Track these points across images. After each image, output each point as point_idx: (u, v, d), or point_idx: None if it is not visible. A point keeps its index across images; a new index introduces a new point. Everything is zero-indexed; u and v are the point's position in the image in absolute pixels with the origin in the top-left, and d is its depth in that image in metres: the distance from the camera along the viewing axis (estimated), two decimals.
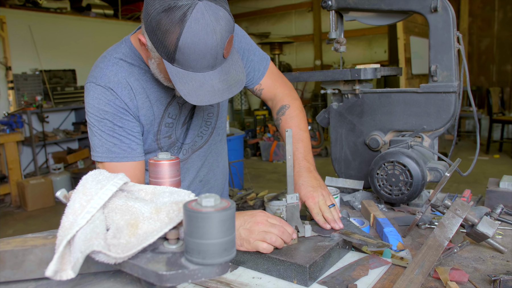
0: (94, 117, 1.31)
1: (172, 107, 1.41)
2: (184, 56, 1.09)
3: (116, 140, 1.31)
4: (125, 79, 1.32)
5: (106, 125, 1.30)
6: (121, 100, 1.30)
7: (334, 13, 1.94)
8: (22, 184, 5.73)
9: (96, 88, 1.30)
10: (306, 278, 1.08)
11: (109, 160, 1.31)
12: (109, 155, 1.31)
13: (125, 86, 1.31)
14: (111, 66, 1.32)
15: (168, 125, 1.42)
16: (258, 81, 1.61)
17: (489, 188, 1.63)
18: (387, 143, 1.83)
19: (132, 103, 1.32)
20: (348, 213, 1.63)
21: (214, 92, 1.14)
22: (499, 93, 8.26)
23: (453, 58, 1.68)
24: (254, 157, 8.94)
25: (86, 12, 8.05)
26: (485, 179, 4.60)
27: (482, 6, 8.95)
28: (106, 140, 1.31)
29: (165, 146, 1.46)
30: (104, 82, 1.29)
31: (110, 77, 1.30)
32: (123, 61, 1.33)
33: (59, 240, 0.70)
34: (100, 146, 1.32)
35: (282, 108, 1.63)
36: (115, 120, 1.30)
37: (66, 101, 7.08)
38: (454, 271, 1.09)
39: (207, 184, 1.64)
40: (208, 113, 1.54)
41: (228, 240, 0.62)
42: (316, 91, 10.33)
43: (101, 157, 1.32)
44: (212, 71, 1.14)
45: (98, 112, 1.30)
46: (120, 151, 1.32)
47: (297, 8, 11.01)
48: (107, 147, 1.31)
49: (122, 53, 1.35)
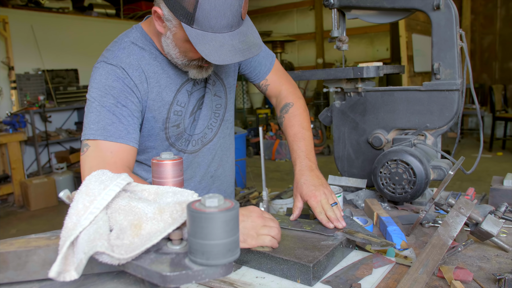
0: (98, 92, 1.26)
1: (181, 95, 1.40)
2: (204, 13, 1.09)
3: (115, 119, 1.25)
4: (137, 61, 1.30)
5: (108, 100, 1.25)
6: (130, 80, 1.28)
7: (336, 11, 1.93)
8: (25, 184, 5.75)
9: (106, 66, 1.27)
10: (310, 278, 1.08)
11: (102, 138, 1.23)
12: (104, 133, 1.23)
13: (136, 68, 1.30)
14: (122, 49, 1.31)
15: (176, 113, 1.40)
16: (264, 75, 1.62)
17: (493, 186, 1.62)
18: (390, 142, 1.82)
19: (142, 86, 1.30)
20: (351, 212, 1.63)
21: (235, 51, 1.13)
22: (502, 90, 8.22)
23: (456, 55, 1.67)
24: (257, 156, 8.93)
25: (88, 12, 8.06)
26: (488, 177, 4.57)
27: (484, 4, 8.92)
28: (104, 116, 1.24)
29: (173, 137, 1.43)
30: (116, 62, 1.28)
31: (122, 58, 1.29)
32: (135, 45, 1.33)
33: (63, 241, 0.70)
34: (96, 123, 1.24)
35: (285, 105, 1.63)
36: (120, 97, 1.26)
37: (69, 101, 7.09)
38: (458, 270, 1.09)
39: (218, 180, 1.63)
40: (216, 104, 1.53)
41: (232, 240, 0.61)
42: (318, 90, 10.31)
43: (95, 134, 1.23)
44: (231, 32, 1.15)
45: (104, 87, 1.26)
46: (116, 131, 1.24)
47: (298, 6, 11.00)
48: (103, 125, 1.24)
49: (133, 37, 1.34)
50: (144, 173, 1.50)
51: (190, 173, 1.53)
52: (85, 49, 7.51)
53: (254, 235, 1.15)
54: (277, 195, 2.18)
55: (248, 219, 1.17)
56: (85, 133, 1.25)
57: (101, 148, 1.23)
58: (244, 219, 1.17)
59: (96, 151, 1.23)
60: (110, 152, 1.23)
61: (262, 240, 1.15)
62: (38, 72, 6.84)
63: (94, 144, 1.23)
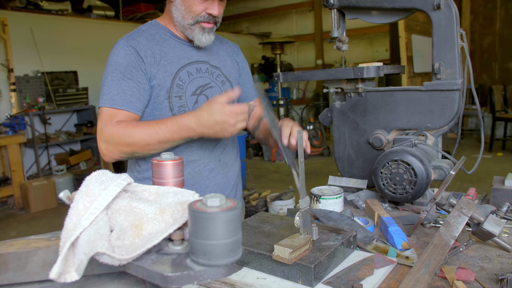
0: (110, 68, 1.52)
1: (183, 73, 1.60)
2: None
3: (121, 90, 1.49)
4: (146, 40, 1.57)
5: (117, 76, 1.50)
6: (138, 55, 1.52)
7: (336, 12, 1.93)
8: (25, 186, 5.74)
9: (118, 43, 1.55)
10: (311, 279, 1.07)
11: (109, 105, 1.48)
12: (111, 101, 1.49)
13: (144, 45, 1.55)
14: (137, 31, 1.60)
15: (179, 86, 1.59)
16: (254, 97, 1.86)
17: (494, 186, 1.62)
18: (390, 142, 1.82)
19: (147, 59, 1.53)
20: (352, 213, 1.63)
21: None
22: (502, 91, 8.23)
23: (456, 55, 1.67)
24: (256, 157, 8.93)
25: (87, 14, 8.05)
26: (489, 177, 4.58)
27: (484, 4, 8.93)
28: (112, 88, 1.50)
29: (175, 107, 1.58)
30: (127, 39, 1.55)
31: (134, 36, 1.57)
32: (148, 31, 1.61)
33: (63, 242, 0.70)
34: (107, 94, 1.50)
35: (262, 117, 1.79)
36: (126, 71, 1.51)
37: (68, 103, 7.07)
38: (460, 270, 1.09)
39: (226, 167, 1.73)
40: None
41: (234, 240, 0.61)
42: (318, 91, 10.31)
43: (104, 102, 1.49)
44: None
45: (114, 64, 1.51)
46: (120, 100, 1.49)
47: (298, 7, 11.01)
48: (111, 95, 1.49)
49: (148, 26, 1.64)
50: None
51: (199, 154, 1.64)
52: (84, 51, 7.51)
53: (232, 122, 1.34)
54: (277, 196, 2.17)
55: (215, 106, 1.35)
56: (100, 102, 1.52)
57: (108, 113, 1.49)
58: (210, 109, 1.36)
59: (104, 116, 1.50)
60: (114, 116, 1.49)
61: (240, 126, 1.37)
62: (37, 74, 6.83)
63: (103, 111, 1.50)
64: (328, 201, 1.62)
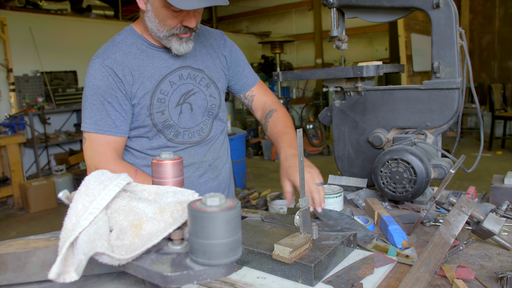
0: (88, 90, 1.48)
1: (164, 84, 1.54)
2: None
3: (104, 114, 1.47)
4: (122, 57, 1.49)
5: (97, 99, 1.47)
6: (115, 75, 1.46)
7: (336, 11, 1.93)
8: (24, 186, 5.74)
9: (94, 64, 1.48)
10: (311, 278, 1.07)
11: (94, 131, 1.47)
12: (95, 127, 1.47)
13: (121, 63, 1.48)
14: (112, 46, 1.50)
15: (160, 100, 1.54)
16: (250, 87, 1.79)
17: (494, 185, 1.62)
18: (390, 141, 1.81)
19: (125, 78, 1.48)
20: (352, 211, 1.62)
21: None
22: (501, 89, 8.23)
23: (456, 54, 1.66)
24: (256, 157, 8.93)
25: (87, 13, 8.05)
26: (488, 176, 4.57)
27: (483, 3, 8.93)
28: (95, 113, 1.47)
29: (159, 124, 1.55)
30: (103, 59, 1.47)
31: (109, 54, 1.48)
32: (123, 42, 1.52)
33: (62, 242, 0.69)
34: (90, 118, 1.47)
35: (270, 112, 1.78)
36: (106, 95, 1.46)
37: (68, 103, 7.07)
38: (460, 269, 1.08)
39: (216, 170, 1.72)
40: (211, 104, 1.65)
41: (234, 240, 0.61)
42: (318, 90, 10.31)
43: (89, 127, 1.47)
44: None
45: (93, 87, 1.47)
46: (105, 125, 1.47)
47: (297, 6, 11.00)
48: (95, 120, 1.47)
49: (123, 35, 1.54)
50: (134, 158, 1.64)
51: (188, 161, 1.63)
52: (83, 51, 7.49)
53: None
54: (277, 196, 2.17)
55: None
56: (83, 125, 1.49)
57: (94, 140, 1.48)
58: None
59: (91, 142, 1.48)
60: (101, 145, 1.47)
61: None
62: (36, 74, 6.83)
63: (89, 137, 1.48)
64: (328, 200, 1.62)
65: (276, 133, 1.68)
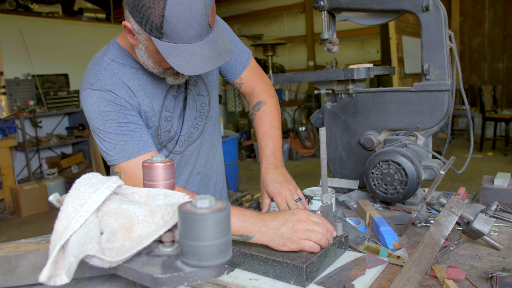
0: (98, 121, 1.29)
1: (168, 101, 1.43)
2: (171, 26, 1.09)
3: (126, 137, 1.29)
4: (120, 80, 1.32)
5: (111, 126, 1.28)
6: (121, 99, 1.30)
7: (326, 14, 1.94)
8: (15, 190, 5.69)
9: (93, 93, 1.29)
10: (303, 279, 1.08)
11: (126, 159, 1.29)
12: (124, 154, 1.29)
13: (122, 86, 1.32)
14: (103, 70, 1.32)
15: (166, 119, 1.43)
16: (239, 74, 1.65)
17: (484, 186, 1.63)
18: (381, 142, 1.83)
19: (132, 100, 1.33)
20: (343, 213, 1.63)
21: (206, 61, 1.14)
22: (491, 91, 8.31)
23: (445, 56, 1.68)
24: (249, 159, 8.93)
25: (78, 16, 8.02)
26: (479, 177, 4.63)
27: (472, 5, 9.01)
28: (116, 140, 1.29)
29: (165, 141, 1.47)
30: (101, 86, 1.29)
31: (105, 80, 1.30)
32: (114, 62, 1.34)
33: (53, 245, 0.69)
34: (113, 149, 1.29)
35: (258, 103, 1.68)
36: (119, 118, 1.29)
37: (59, 106, 7.04)
38: (450, 269, 1.09)
39: (206, 177, 1.66)
40: (201, 103, 1.56)
41: (224, 241, 0.61)
42: (310, 92, 10.34)
43: (117, 159, 1.29)
44: (201, 41, 1.15)
45: (101, 115, 1.28)
46: (133, 147, 1.29)
47: (289, 9, 11.03)
48: (120, 148, 1.29)
49: (111, 54, 1.35)
50: None
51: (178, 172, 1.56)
52: (75, 54, 7.47)
53: (295, 239, 1.15)
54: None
55: (289, 222, 1.17)
56: (109, 160, 1.32)
57: (130, 169, 1.29)
58: (285, 223, 1.18)
59: (127, 173, 1.30)
60: (139, 169, 1.25)
61: (302, 245, 1.14)
62: (28, 77, 6.79)
63: (122, 168, 1.30)
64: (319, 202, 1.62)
65: (261, 134, 1.61)
